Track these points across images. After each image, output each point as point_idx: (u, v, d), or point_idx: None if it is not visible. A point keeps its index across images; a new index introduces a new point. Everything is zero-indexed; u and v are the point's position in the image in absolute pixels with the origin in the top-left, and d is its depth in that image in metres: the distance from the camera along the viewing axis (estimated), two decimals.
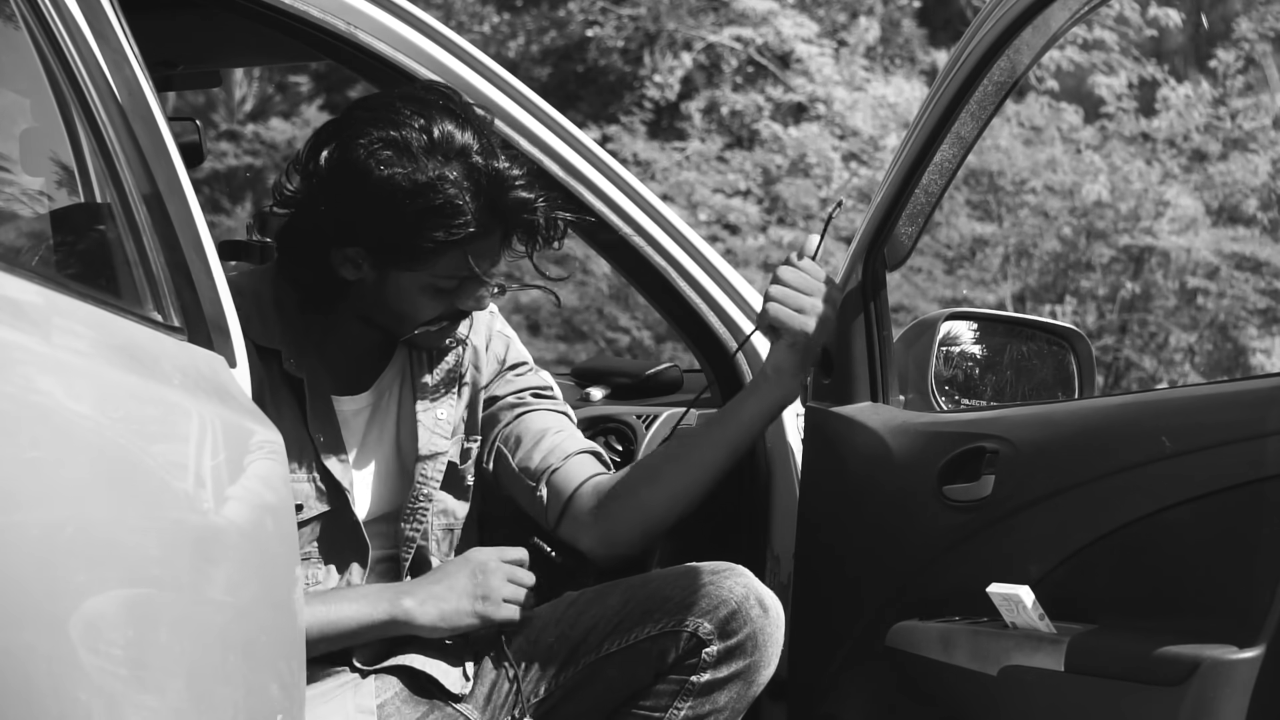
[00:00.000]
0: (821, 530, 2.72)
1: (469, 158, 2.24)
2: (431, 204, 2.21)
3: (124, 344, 1.51)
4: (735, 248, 12.30)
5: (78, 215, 1.67)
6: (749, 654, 2.33)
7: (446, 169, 2.22)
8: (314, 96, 14.75)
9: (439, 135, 2.23)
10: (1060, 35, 2.45)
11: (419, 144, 2.22)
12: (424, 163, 2.21)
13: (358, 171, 2.23)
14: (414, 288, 2.29)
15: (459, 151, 2.23)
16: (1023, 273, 12.19)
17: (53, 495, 1.30)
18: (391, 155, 2.21)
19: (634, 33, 13.99)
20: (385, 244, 2.25)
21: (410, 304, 2.30)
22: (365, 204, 2.23)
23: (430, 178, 2.21)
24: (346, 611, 2.26)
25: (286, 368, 2.31)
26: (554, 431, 2.45)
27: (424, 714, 2.31)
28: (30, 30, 1.60)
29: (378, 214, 2.23)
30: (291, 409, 2.31)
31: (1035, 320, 3.02)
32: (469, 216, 2.22)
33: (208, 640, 1.50)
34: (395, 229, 2.23)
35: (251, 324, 2.28)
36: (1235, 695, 1.99)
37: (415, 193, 2.21)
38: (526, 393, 2.48)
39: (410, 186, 2.21)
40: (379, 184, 2.21)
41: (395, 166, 2.21)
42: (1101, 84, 12.21)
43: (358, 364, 2.40)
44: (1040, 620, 2.20)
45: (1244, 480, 2.10)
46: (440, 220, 2.22)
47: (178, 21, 2.89)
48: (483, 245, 2.27)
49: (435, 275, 2.27)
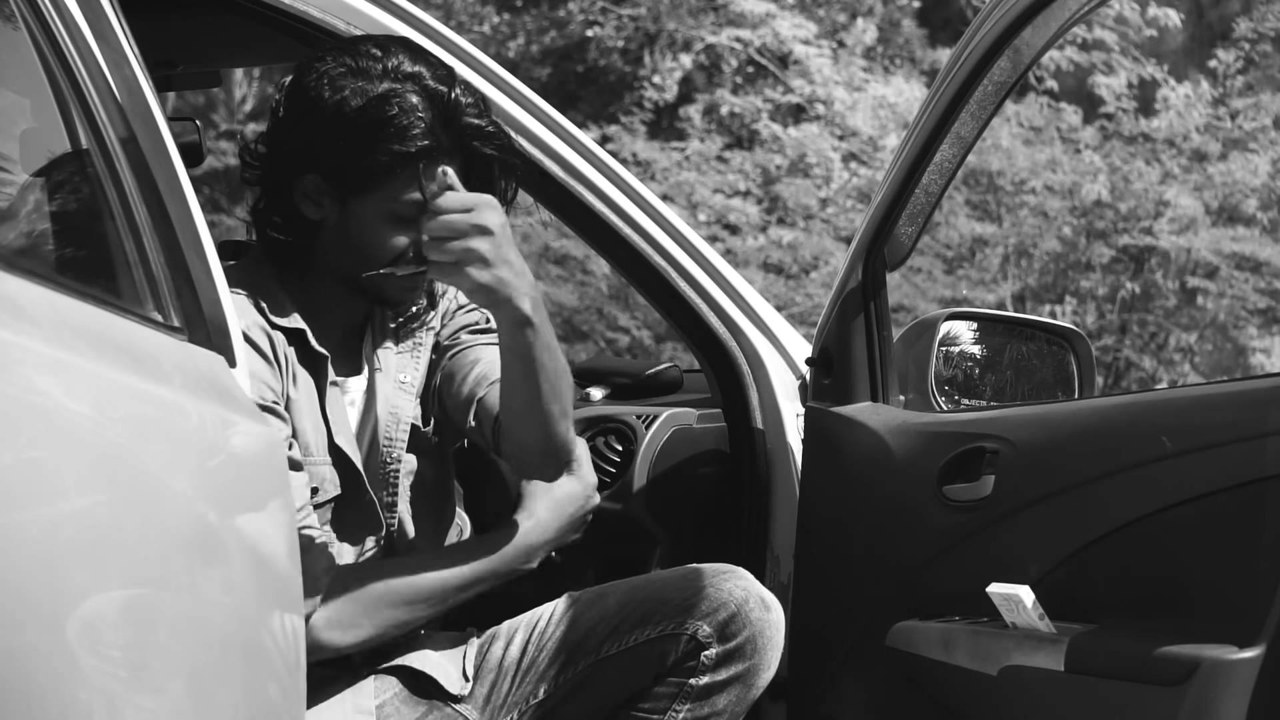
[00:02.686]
0: (821, 530, 2.72)
1: (422, 80, 2.25)
2: (384, 114, 2.22)
3: (124, 344, 1.51)
4: (735, 248, 12.30)
5: (78, 215, 1.67)
6: (748, 657, 2.32)
7: (399, 85, 2.23)
8: None
9: (393, 64, 2.25)
10: (1060, 35, 2.45)
11: (373, 69, 2.24)
12: (376, 80, 2.23)
13: (311, 95, 2.25)
14: (374, 217, 2.26)
15: (412, 75, 2.25)
16: (1023, 273, 12.19)
17: (53, 495, 1.30)
18: (344, 74, 2.24)
19: (634, 33, 13.99)
20: (340, 166, 2.24)
21: (373, 236, 2.26)
22: (319, 125, 2.24)
23: (381, 90, 2.22)
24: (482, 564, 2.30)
25: (312, 344, 2.30)
26: (484, 362, 2.39)
27: (423, 714, 2.31)
28: (30, 30, 1.60)
29: (331, 133, 2.23)
30: (309, 390, 2.31)
31: (1035, 320, 3.02)
32: (420, 129, 2.22)
33: (207, 640, 1.50)
34: (349, 147, 2.23)
35: (271, 310, 2.29)
36: (1235, 695, 1.99)
37: (367, 107, 2.22)
38: (462, 331, 2.45)
39: (362, 102, 2.22)
40: (332, 105, 2.23)
41: (346, 84, 2.23)
42: (1101, 84, 12.21)
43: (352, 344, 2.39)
44: (1040, 620, 2.20)
45: (1244, 480, 2.10)
46: (392, 132, 2.21)
47: (178, 21, 2.89)
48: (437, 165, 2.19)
49: (393, 200, 2.24)
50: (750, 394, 2.88)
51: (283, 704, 1.66)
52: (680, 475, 2.91)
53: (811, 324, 8.41)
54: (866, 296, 2.69)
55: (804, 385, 2.87)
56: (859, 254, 2.68)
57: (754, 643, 2.32)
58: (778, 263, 12.30)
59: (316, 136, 2.25)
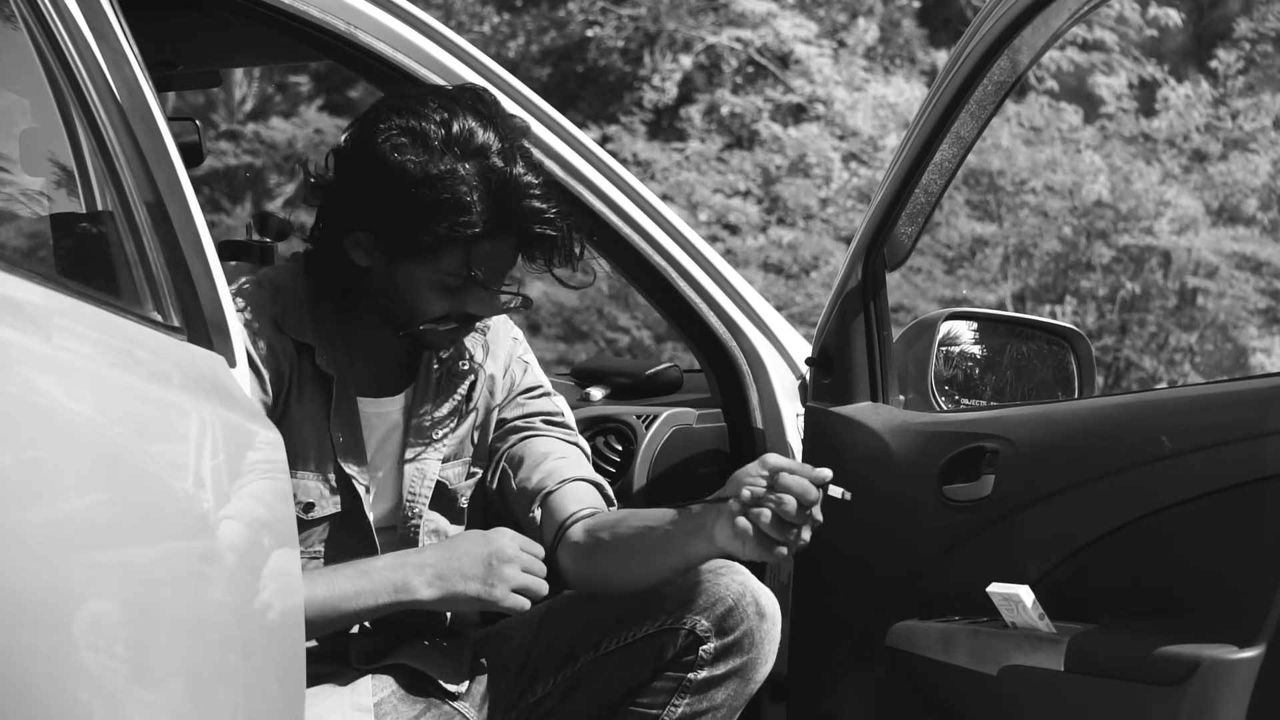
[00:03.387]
0: (821, 530, 2.72)
1: (485, 157, 2.22)
2: (438, 197, 2.20)
3: (124, 344, 1.51)
4: (735, 248, 12.30)
5: (78, 215, 1.67)
6: (746, 651, 2.32)
7: (459, 164, 2.21)
8: (314, 96, 14.75)
9: (458, 130, 2.23)
10: (1060, 35, 2.45)
11: (436, 136, 2.22)
12: (437, 155, 2.21)
13: (372, 156, 2.23)
14: (420, 281, 2.27)
15: (476, 150, 2.22)
16: (1023, 273, 12.19)
17: (53, 495, 1.30)
18: (406, 143, 2.22)
19: (634, 33, 13.99)
20: (391, 232, 2.25)
21: (417, 297, 2.28)
22: (375, 189, 2.23)
23: (441, 170, 2.21)
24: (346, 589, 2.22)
25: (319, 363, 2.30)
26: (556, 456, 2.41)
27: (420, 712, 2.31)
28: (30, 30, 1.60)
29: (386, 200, 2.23)
30: (316, 405, 2.31)
31: (1035, 320, 3.02)
32: (474, 216, 2.21)
33: (207, 640, 1.50)
34: (401, 217, 2.23)
35: (287, 317, 2.29)
36: (1235, 695, 1.99)
37: (424, 183, 2.21)
38: (536, 418, 2.45)
39: (420, 176, 2.21)
40: (390, 170, 2.22)
41: (408, 154, 2.21)
42: (1101, 84, 12.22)
43: (387, 366, 2.39)
44: (1040, 620, 2.20)
45: (1244, 480, 2.10)
46: (445, 215, 2.21)
47: (178, 21, 2.89)
48: (487, 248, 2.25)
49: (439, 271, 2.26)
50: (750, 394, 2.88)
51: (283, 703, 1.66)
52: (680, 475, 2.91)
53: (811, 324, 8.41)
54: (866, 296, 2.69)
55: (804, 385, 2.86)
56: (859, 254, 2.68)
57: (752, 637, 2.31)
58: (778, 263, 12.31)
59: (372, 199, 2.24)
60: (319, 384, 2.31)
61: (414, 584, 2.24)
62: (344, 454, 2.32)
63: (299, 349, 2.30)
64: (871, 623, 2.55)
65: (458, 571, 2.25)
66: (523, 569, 2.26)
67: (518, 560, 2.26)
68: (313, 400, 2.30)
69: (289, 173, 14.32)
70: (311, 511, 2.30)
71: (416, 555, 2.28)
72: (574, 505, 2.36)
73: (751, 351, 2.88)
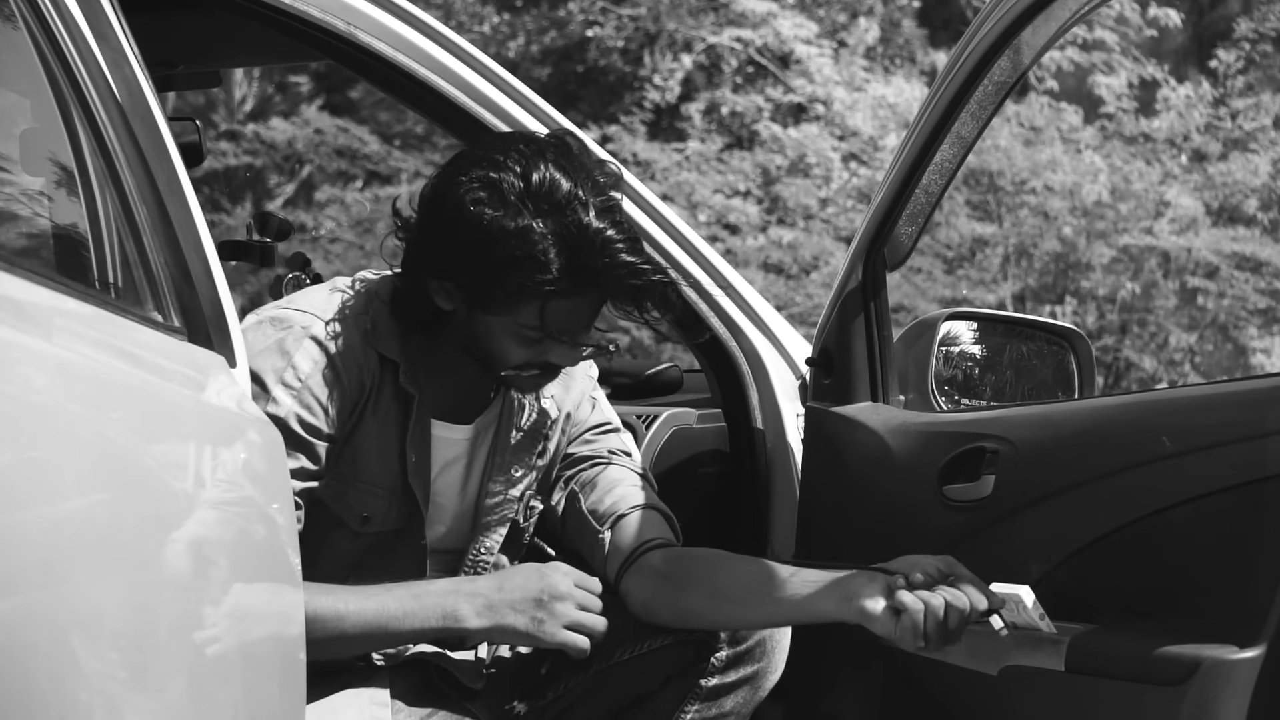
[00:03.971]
0: (822, 530, 2.72)
1: (563, 214, 2.17)
2: (513, 253, 2.16)
3: (124, 344, 1.51)
4: (735, 248, 12.30)
5: (78, 215, 1.67)
6: (757, 659, 2.33)
7: (536, 220, 2.16)
8: (314, 96, 14.75)
9: (537, 182, 2.17)
10: (1060, 35, 2.45)
11: (514, 190, 2.17)
12: (514, 210, 2.16)
13: (451, 207, 2.19)
14: (500, 331, 2.23)
15: (554, 205, 2.17)
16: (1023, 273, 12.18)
17: (53, 495, 1.30)
18: (485, 197, 2.18)
19: (634, 33, 13.98)
20: (468, 283, 2.21)
21: (497, 345, 2.25)
22: (454, 241, 2.20)
23: (516, 226, 2.16)
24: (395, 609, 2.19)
25: (401, 381, 2.28)
26: (629, 484, 2.39)
27: (431, 712, 2.31)
28: (30, 30, 1.60)
29: (463, 253, 2.19)
30: (392, 422, 2.29)
31: (1035, 320, 3.02)
32: (551, 274, 2.17)
33: (207, 640, 1.50)
34: (478, 271, 2.19)
35: (377, 329, 2.27)
36: (1235, 695, 1.99)
37: (500, 239, 2.16)
38: (606, 450, 2.44)
39: (496, 232, 2.16)
40: (467, 223, 2.17)
41: (485, 208, 2.17)
42: (1101, 84, 12.21)
43: (463, 394, 2.36)
44: (1040, 620, 2.20)
45: (1244, 480, 2.10)
46: (520, 271, 2.17)
47: (178, 21, 2.89)
48: (565, 304, 2.20)
49: (518, 324, 2.22)
50: (750, 394, 2.88)
51: (283, 703, 1.66)
52: (680, 475, 2.91)
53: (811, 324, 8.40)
54: (866, 296, 2.69)
55: (804, 385, 2.87)
56: (859, 254, 2.68)
57: (764, 645, 2.32)
58: (778, 263, 12.30)
59: (450, 252, 2.21)
60: (398, 401, 2.29)
61: (463, 612, 2.21)
62: (414, 473, 2.30)
63: (383, 363, 2.28)
64: None
65: (508, 604, 2.22)
66: (577, 605, 2.23)
67: (571, 597, 2.23)
68: (389, 416, 2.28)
69: (289, 173, 14.32)
70: (368, 525, 2.29)
71: (470, 584, 2.26)
72: (649, 532, 2.33)
73: (751, 351, 2.88)
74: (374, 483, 2.28)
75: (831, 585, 2.15)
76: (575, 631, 2.23)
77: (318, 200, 13.75)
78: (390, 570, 2.30)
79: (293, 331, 2.23)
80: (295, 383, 2.21)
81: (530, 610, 2.21)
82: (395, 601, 2.20)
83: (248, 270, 11.66)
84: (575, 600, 2.23)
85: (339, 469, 2.27)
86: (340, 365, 2.23)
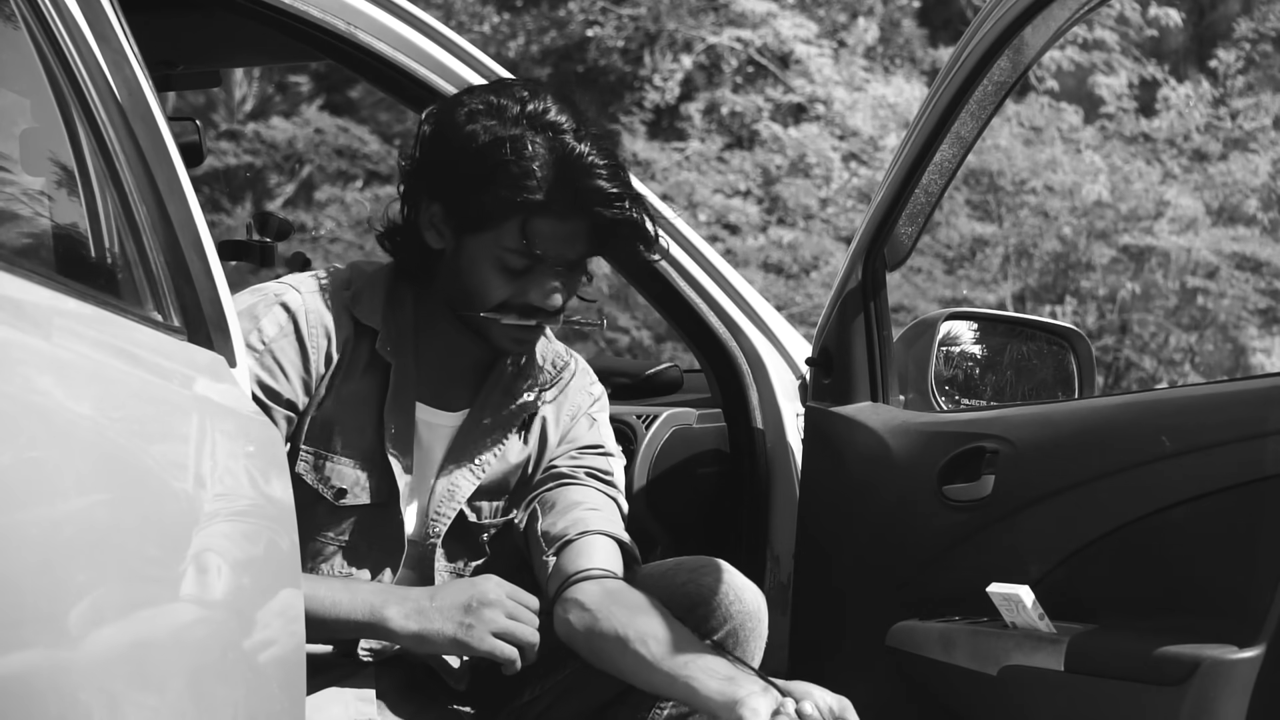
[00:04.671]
0: (822, 530, 2.72)
1: (556, 132, 2.23)
2: (503, 159, 2.21)
3: (124, 344, 1.51)
4: (735, 248, 12.30)
5: (78, 215, 1.67)
6: (729, 651, 2.31)
7: (527, 133, 2.23)
8: (314, 96, 14.75)
9: (534, 107, 2.24)
10: (1060, 35, 2.45)
11: (511, 110, 2.24)
12: (509, 124, 2.23)
13: (449, 124, 2.26)
14: (483, 258, 2.25)
15: (548, 124, 2.23)
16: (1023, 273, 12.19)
17: (53, 495, 1.30)
18: (482, 111, 2.25)
19: (634, 33, 13.99)
20: (458, 199, 2.25)
21: (480, 277, 2.26)
22: (447, 156, 2.25)
23: (510, 135, 2.22)
24: (325, 597, 2.18)
25: (378, 348, 2.28)
26: (586, 507, 2.35)
27: (421, 707, 2.31)
28: (30, 30, 1.60)
29: (455, 166, 2.24)
30: (370, 391, 2.29)
31: (1035, 320, 3.02)
32: (536, 181, 2.21)
33: (208, 640, 1.50)
34: (466, 183, 2.23)
35: (359, 300, 2.29)
36: (1235, 695, 1.99)
37: (492, 145, 2.22)
38: (582, 470, 2.40)
39: (489, 139, 2.22)
40: (464, 136, 2.24)
41: (481, 120, 2.24)
42: (1101, 84, 12.21)
43: (451, 381, 2.35)
44: (1040, 620, 2.20)
45: (1244, 480, 2.10)
46: (508, 178, 2.21)
47: (178, 21, 2.89)
48: (549, 225, 2.23)
49: (501, 247, 2.24)
50: (750, 394, 2.88)
51: (283, 703, 1.66)
52: (680, 475, 2.91)
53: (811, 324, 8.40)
54: (866, 296, 2.69)
55: (804, 385, 2.87)
56: (859, 254, 2.68)
57: (735, 636, 2.30)
58: (778, 263, 12.30)
59: (443, 166, 2.26)
60: (374, 369, 2.29)
61: (390, 613, 2.19)
62: (393, 443, 2.29)
63: (359, 331, 2.28)
64: (871, 623, 2.55)
65: (437, 610, 2.20)
66: (507, 614, 2.20)
67: (500, 605, 2.20)
68: (364, 384, 2.28)
69: (289, 173, 14.32)
70: (343, 499, 2.28)
71: (404, 589, 2.25)
72: (588, 561, 2.29)
73: (751, 351, 2.88)
74: (351, 455, 2.27)
75: (725, 682, 2.07)
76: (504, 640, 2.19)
77: (318, 200, 13.75)
78: (373, 548, 2.30)
79: (265, 298, 2.26)
80: (259, 345, 2.23)
81: (458, 616, 2.19)
82: (325, 589, 2.19)
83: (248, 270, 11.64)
84: (505, 609, 2.20)
85: (313, 441, 2.26)
86: (307, 332, 2.25)
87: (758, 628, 2.31)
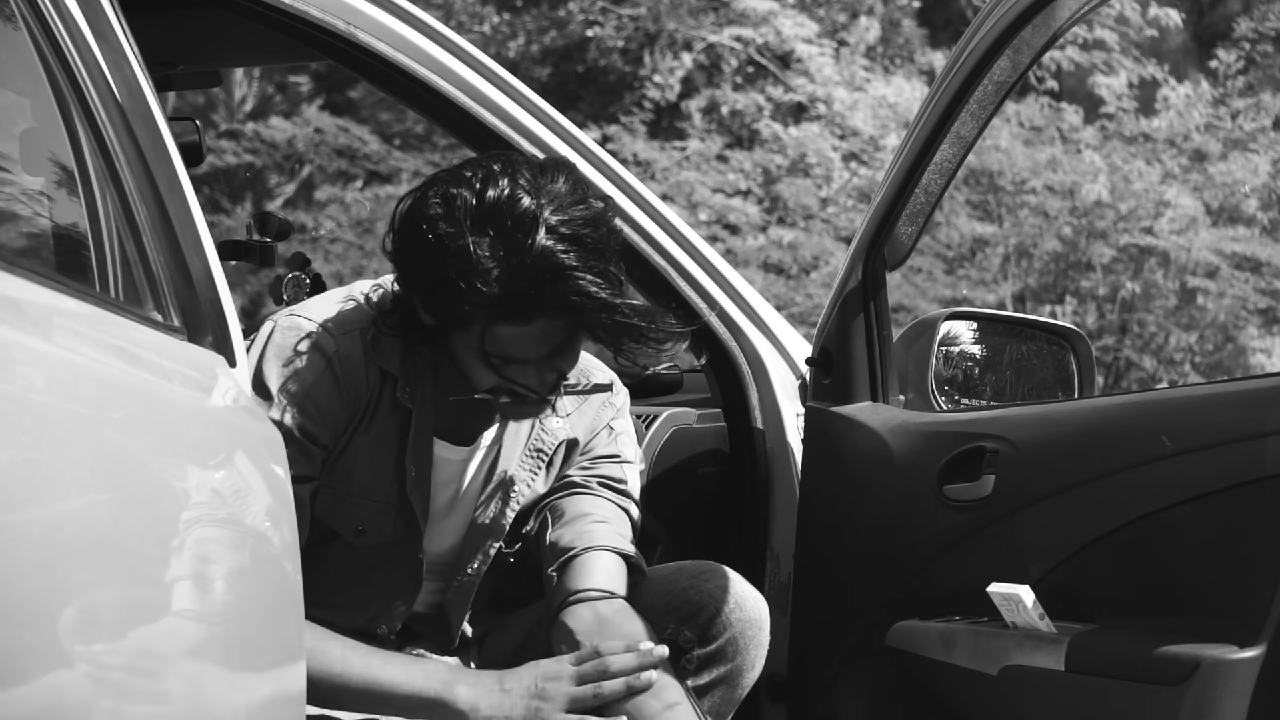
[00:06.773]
0: (822, 530, 2.72)
1: (514, 234, 2.08)
2: (448, 273, 2.09)
3: (124, 344, 1.51)
4: (735, 248, 12.30)
5: (78, 215, 1.67)
6: (730, 659, 2.31)
7: (477, 239, 2.08)
8: (314, 96, 14.75)
9: (491, 200, 2.09)
10: (1060, 35, 2.45)
11: (465, 207, 2.09)
12: (461, 228, 2.09)
13: (410, 221, 2.15)
14: (465, 350, 2.18)
15: (506, 225, 2.08)
16: (1023, 273, 12.19)
17: (53, 495, 1.30)
18: (438, 213, 2.11)
19: (634, 33, 13.99)
20: (423, 297, 2.17)
21: (467, 366, 2.20)
22: (412, 256, 2.16)
23: (456, 245, 2.08)
24: (397, 676, 2.15)
25: (399, 396, 2.25)
26: (594, 519, 2.33)
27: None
28: (30, 30, 1.60)
29: (417, 263, 2.15)
30: (391, 435, 2.26)
31: (1035, 320, 3.02)
32: (483, 298, 2.08)
33: (207, 640, 1.50)
34: (428, 284, 2.15)
35: (378, 345, 2.23)
36: (1235, 695, 1.99)
37: (440, 256, 2.09)
38: (595, 479, 2.39)
39: (437, 249, 2.10)
40: (419, 239, 2.12)
41: (437, 225, 2.10)
42: (1102, 84, 12.21)
43: (463, 415, 2.31)
44: (1040, 620, 2.20)
45: (1244, 480, 2.10)
46: (458, 292, 2.09)
47: (178, 21, 2.89)
48: (508, 330, 2.13)
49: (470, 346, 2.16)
50: (750, 394, 2.88)
51: (283, 703, 1.66)
52: (680, 475, 2.91)
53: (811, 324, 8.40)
54: (866, 296, 2.69)
55: (804, 385, 2.87)
56: (859, 254, 2.68)
57: (735, 644, 2.30)
58: (778, 263, 12.30)
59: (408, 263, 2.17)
60: (395, 415, 2.26)
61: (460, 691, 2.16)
62: (413, 487, 2.28)
63: (383, 378, 2.25)
64: (871, 623, 2.55)
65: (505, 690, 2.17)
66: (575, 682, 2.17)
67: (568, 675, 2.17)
68: (385, 430, 2.26)
69: (289, 173, 14.33)
70: (364, 538, 2.28)
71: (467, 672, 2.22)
72: (586, 581, 2.27)
73: (751, 351, 2.88)
74: (369, 496, 2.27)
75: None
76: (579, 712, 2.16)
77: (318, 200, 13.75)
78: (388, 582, 2.30)
79: (301, 341, 2.22)
80: (299, 391, 2.20)
81: (527, 700, 2.16)
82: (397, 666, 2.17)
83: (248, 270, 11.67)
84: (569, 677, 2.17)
85: (331, 482, 2.26)
86: (343, 378, 2.22)
87: (758, 635, 2.32)
